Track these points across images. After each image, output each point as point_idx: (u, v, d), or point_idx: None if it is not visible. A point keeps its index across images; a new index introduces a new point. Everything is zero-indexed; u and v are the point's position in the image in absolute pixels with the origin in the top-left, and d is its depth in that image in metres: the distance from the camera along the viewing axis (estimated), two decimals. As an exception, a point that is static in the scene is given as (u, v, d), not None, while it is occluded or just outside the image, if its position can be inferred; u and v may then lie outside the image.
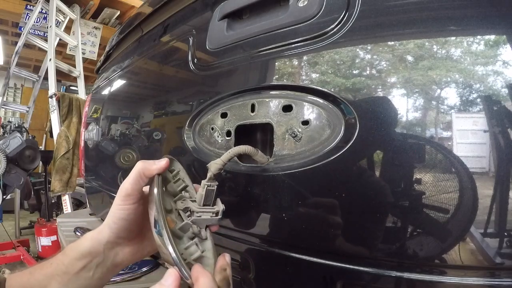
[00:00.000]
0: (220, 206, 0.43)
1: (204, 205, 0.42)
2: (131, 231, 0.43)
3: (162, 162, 0.41)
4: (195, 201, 0.43)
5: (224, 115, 0.55)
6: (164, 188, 0.42)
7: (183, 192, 0.45)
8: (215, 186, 0.42)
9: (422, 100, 0.36)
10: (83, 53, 3.69)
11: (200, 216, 0.41)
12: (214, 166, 0.42)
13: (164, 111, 0.77)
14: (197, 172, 0.60)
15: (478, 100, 0.33)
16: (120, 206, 0.41)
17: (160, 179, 0.40)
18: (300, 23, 0.47)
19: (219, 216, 0.42)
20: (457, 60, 0.35)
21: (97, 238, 0.42)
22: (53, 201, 3.14)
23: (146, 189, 0.44)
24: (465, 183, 0.34)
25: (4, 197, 2.40)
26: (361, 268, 0.39)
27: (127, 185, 0.41)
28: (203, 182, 0.42)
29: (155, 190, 0.38)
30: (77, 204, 3.28)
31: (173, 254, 0.33)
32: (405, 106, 0.37)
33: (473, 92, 0.34)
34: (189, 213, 0.42)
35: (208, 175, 0.42)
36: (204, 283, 0.32)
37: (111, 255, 0.43)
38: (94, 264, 0.42)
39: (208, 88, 0.63)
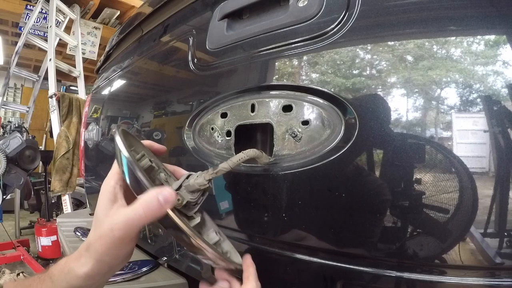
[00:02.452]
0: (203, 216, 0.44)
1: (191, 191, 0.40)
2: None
3: (171, 199, 0.33)
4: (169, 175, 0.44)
5: (224, 115, 0.54)
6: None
7: (162, 174, 0.44)
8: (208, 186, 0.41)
9: (422, 100, 0.36)
10: (83, 53, 3.68)
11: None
12: (221, 172, 0.41)
13: (164, 111, 0.77)
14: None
15: (478, 100, 0.33)
16: (120, 251, 0.36)
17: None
18: (300, 23, 0.47)
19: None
20: (457, 60, 0.35)
21: (91, 277, 0.36)
22: (53, 201, 3.13)
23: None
24: (465, 183, 0.34)
25: (4, 197, 2.40)
26: (361, 268, 0.39)
27: (132, 233, 0.34)
28: (206, 177, 0.39)
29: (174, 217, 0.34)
30: (77, 204, 3.28)
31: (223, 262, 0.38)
32: (405, 106, 0.37)
33: (473, 92, 0.34)
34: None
35: (212, 176, 0.40)
36: (255, 272, 0.39)
37: (108, 276, 0.39)
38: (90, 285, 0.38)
39: (208, 88, 0.63)
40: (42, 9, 3.23)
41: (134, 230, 0.35)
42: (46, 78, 3.08)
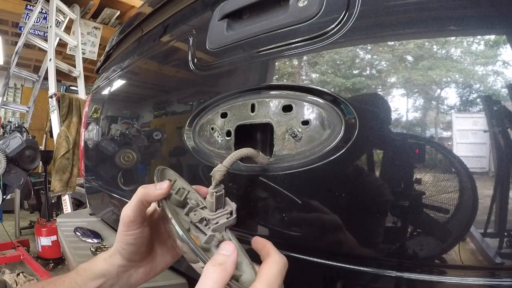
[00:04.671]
0: (232, 205, 0.43)
1: (216, 209, 0.42)
2: (141, 253, 0.43)
3: (164, 186, 0.40)
4: (205, 207, 0.43)
5: (224, 115, 0.54)
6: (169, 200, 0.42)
7: (188, 200, 0.44)
8: (223, 190, 0.42)
9: (422, 100, 0.36)
10: (83, 53, 3.69)
11: (217, 223, 0.41)
12: (218, 174, 0.42)
13: (164, 111, 0.77)
14: (198, 172, 0.60)
15: (478, 100, 0.33)
16: (125, 233, 0.41)
17: (169, 203, 0.40)
18: (300, 23, 0.47)
19: (234, 215, 0.43)
20: (457, 60, 0.35)
21: (110, 262, 0.42)
22: (53, 201, 3.13)
23: (150, 208, 0.44)
24: (465, 183, 0.34)
25: (4, 197, 2.40)
26: (361, 268, 0.39)
27: (129, 213, 0.40)
28: (210, 190, 0.42)
29: (171, 218, 0.37)
30: (77, 204, 3.28)
31: None
32: (405, 106, 0.37)
33: (473, 92, 0.34)
34: (205, 222, 0.41)
35: (214, 183, 0.42)
36: (273, 246, 0.38)
37: (125, 277, 0.43)
38: (108, 285, 0.42)
39: (208, 88, 0.63)
40: (42, 9, 3.23)
41: (137, 211, 0.40)
42: (46, 78, 3.08)
